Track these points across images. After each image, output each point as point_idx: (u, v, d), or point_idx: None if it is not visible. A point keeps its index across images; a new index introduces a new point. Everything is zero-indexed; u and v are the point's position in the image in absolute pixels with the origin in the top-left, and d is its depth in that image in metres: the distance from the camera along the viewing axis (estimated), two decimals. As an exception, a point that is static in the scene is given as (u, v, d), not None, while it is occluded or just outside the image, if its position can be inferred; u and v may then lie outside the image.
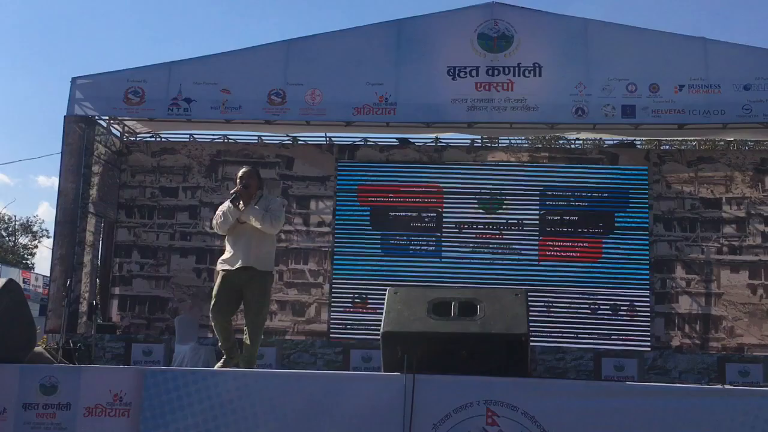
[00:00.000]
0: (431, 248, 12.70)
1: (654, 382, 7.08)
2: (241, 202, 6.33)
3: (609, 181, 12.63)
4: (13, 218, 40.03)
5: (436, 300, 4.21)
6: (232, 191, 6.37)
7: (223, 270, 6.34)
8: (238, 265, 6.21)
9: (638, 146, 13.10)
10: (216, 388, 4.36)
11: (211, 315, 6.42)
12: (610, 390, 4.15)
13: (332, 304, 12.63)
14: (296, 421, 4.23)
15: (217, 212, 6.47)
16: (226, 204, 6.39)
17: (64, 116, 12.14)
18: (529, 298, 4.38)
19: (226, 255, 6.34)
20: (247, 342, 6.25)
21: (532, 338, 4.16)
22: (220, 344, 6.37)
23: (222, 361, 6.38)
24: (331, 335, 12.43)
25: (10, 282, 4.97)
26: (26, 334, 5.06)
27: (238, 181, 6.39)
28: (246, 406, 4.27)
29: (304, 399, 4.25)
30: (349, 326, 12.51)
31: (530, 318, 4.18)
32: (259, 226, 6.22)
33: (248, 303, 6.28)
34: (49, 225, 43.60)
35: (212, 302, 6.39)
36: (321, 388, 4.25)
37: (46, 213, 66.65)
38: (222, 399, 4.33)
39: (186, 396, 4.39)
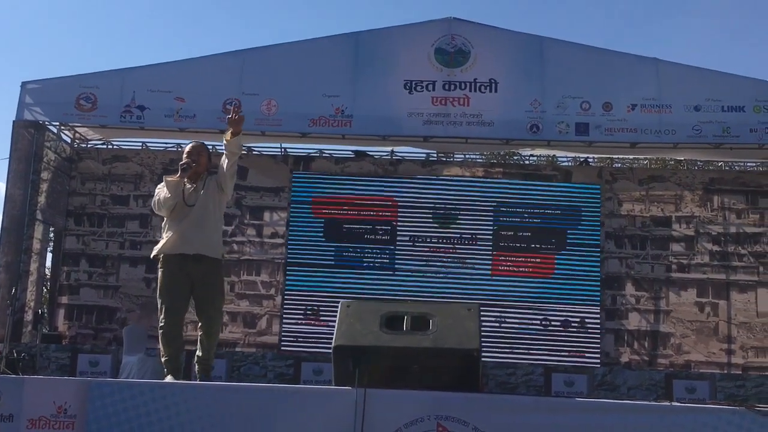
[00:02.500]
0: (385, 261, 12.68)
1: (603, 398, 7.12)
2: (186, 180, 5.59)
3: (562, 197, 12.73)
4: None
5: (388, 313, 4.18)
6: (181, 163, 5.61)
7: (163, 258, 5.58)
8: (187, 252, 5.47)
9: (591, 164, 13.25)
10: (163, 400, 4.27)
11: (161, 317, 5.59)
12: (561, 406, 4.16)
13: (284, 316, 12.52)
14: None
15: (157, 191, 5.76)
16: (163, 182, 5.73)
17: (13, 121, 11.91)
18: (481, 313, 4.37)
19: (169, 240, 5.56)
20: (204, 341, 5.58)
21: (483, 353, 4.14)
22: (165, 359, 5.51)
23: (168, 378, 5.51)
24: (282, 347, 12.32)
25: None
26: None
27: (185, 155, 5.68)
28: (193, 419, 4.19)
29: (253, 413, 4.18)
30: (300, 339, 12.41)
31: (482, 333, 4.17)
32: (227, 168, 5.55)
33: (204, 296, 5.55)
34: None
35: (159, 304, 5.59)
36: (270, 401, 4.19)
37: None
38: (170, 412, 4.24)
39: (133, 408, 4.29)
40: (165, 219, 5.69)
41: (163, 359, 5.55)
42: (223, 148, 5.62)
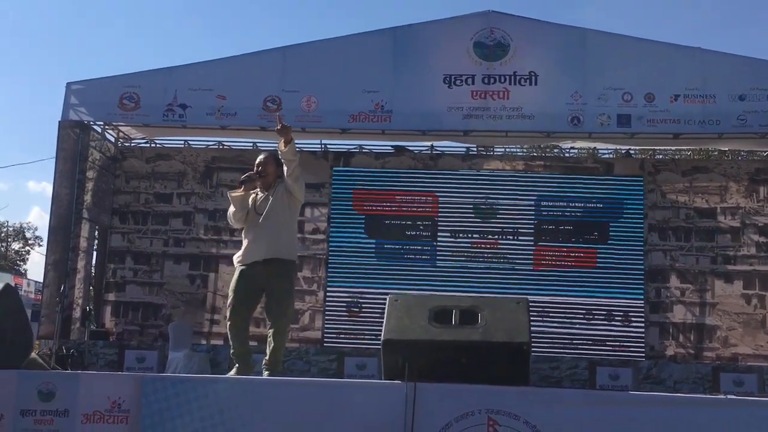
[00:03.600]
0: (426, 256, 12.68)
1: (650, 392, 7.06)
2: (258, 190, 5.87)
3: (604, 190, 12.62)
4: (6, 224, 39.86)
5: (437, 307, 4.18)
6: (245, 175, 5.88)
7: (240, 266, 5.82)
8: (257, 258, 5.70)
9: (633, 156, 13.10)
10: (215, 395, 4.31)
11: (227, 316, 5.86)
12: (612, 399, 4.13)
13: (326, 311, 12.58)
14: (296, 429, 4.19)
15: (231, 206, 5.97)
16: (231, 195, 6.00)
17: (59, 121, 12.09)
18: (527, 307, 4.34)
19: (243, 249, 5.82)
20: (270, 342, 5.72)
21: (527, 347, 4.12)
22: (232, 351, 5.77)
23: (234, 369, 5.75)
24: (325, 342, 12.38)
25: (7, 287, 4.92)
26: (23, 339, 5.01)
27: (255, 167, 5.92)
28: (244, 414, 4.24)
29: (304, 407, 4.22)
30: (342, 334, 12.47)
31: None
32: (288, 175, 5.75)
33: (271, 299, 5.72)
34: (42, 230, 43.40)
35: (229, 301, 5.84)
36: (321, 395, 4.22)
37: (37, 218, 66.33)
38: (221, 406, 4.28)
39: (185, 403, 4.34)
40: (243, 230, 5.93)
41: (231, 353, 5.81)
42: (280, 157, 5.80)
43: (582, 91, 11.53)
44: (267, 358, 5.70)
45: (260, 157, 6.02)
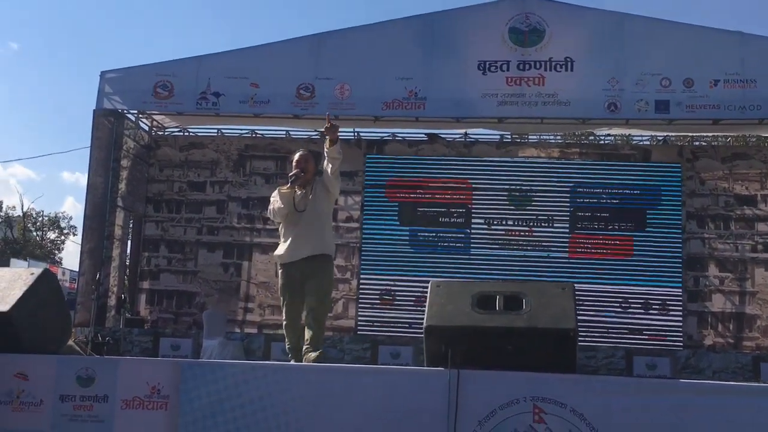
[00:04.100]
0: (460, 244, 12.59)
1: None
2: (296, 189, 5.94)
3: (641, 177, 12.46)
4: (41, 213, 40.31)
5: (480, 293, 4.09)
6: (290, 174, 5.95)
7: (283, 264, 5.98)
8: (302, 256, 5.84)
9: (671, 142, 12.89)
10: (255, 381, 4.26)
11: (283, 315, 6.01)
12: (663, 387, 4.01)
13: (360, 299, 12.54)
14: (337, 415, 4.13)
15: (272, 200, 6.05)
16: (276, 191, 6.07)
17: (93, 110, 12.15)
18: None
19: (284, 247, 5.94)
20: (311, 329, 5.82)
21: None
22: (288, 345, 5.94)
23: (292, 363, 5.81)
24: (358, 331, 12.35)
25: (47, 272, 4.91)
26: (62, 324, 5.00)
27: (294, 165, 5.98)
28: (285, 400, 4.18)
29: (345, 393, 4.15)
30: (376, 322, 12.42)
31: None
32: (331, 173, 5.87)
33: (309, 290, 5.84)
34: (76, 220, 43.86)
35: (282, 301, 6.02)
36: (362, 382, 4.16)
37: (71, 208, 67.13)
38: (260, 393, 4.23)
39: (224, 390, 4.30)
40: (280, 225, 6.07)
41: (286, 347, 5.99)
42: (325, 154, 5.88)
43: (619, 77, 11.36)
44: (309, 340, 5.78)
45: (299, 155, 6.08)
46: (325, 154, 5.88)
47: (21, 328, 4.52)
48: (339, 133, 5.97)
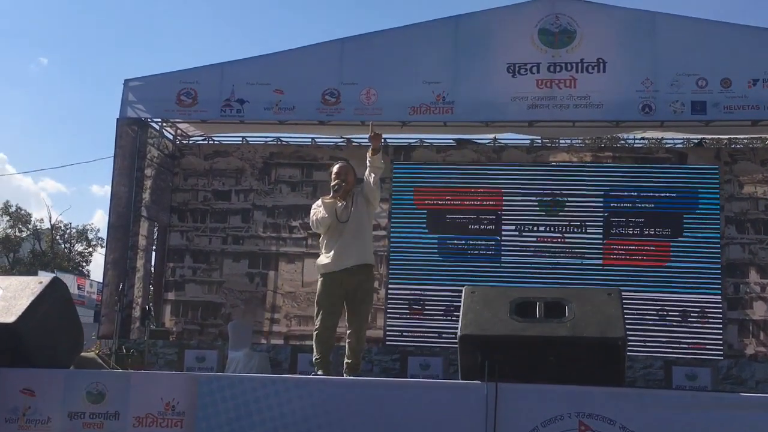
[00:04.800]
0: (490, 252, 12.27)
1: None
2: (338, 200, 6.07)
3: (677, 181, 12.07)
4: (69, 225, 40.45)
5: (519, 300, 3.78)
6: (333, 184, 6.06)
7: (326, 273, 6.02)
8: (347, 266, 5.92)
9: (708, 145, 12.48)
10: (277, 396, 3.99)
11: (316, 326, 6.00)
12: (725, 402, 3.66)
13: (388, 309, 12.24)
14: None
15: (313, 211, 6.18)
16: (319, 201, 6.15)
17: (117, 119, 12.00)
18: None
19: (327, 258, 6.01)
20: (354, 345, 5.98)
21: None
22: (316, 358, 5.95)
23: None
24: (387, 341, 12.04)
25: (56, 280, 4.63)
26: (72, 336, 4.72)
27: (334, 176, 6.08)
28: (310, 416, 3.90)
29: (375, 409, 3.86)
30: (405, 332, 12.12)
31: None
32: (373, 183, 6.01)
33: (354, 302, 5.96)
34: (104, 232, 43.89)
35: (317, 310, 6.01)
36: (394, 397, 3.86)
37: (100, 221, 67.20)
38: (284, 409, 3.96)
39: (244, 405, 4.03)
40: (322, 236, 6.14)
41: (314, 358, 5.98)
42: (368, 164, 5.98)
43: (653, 78, 11.00)
44: (349, 361, 5.95)
45: (338, 166, 6.17)
46: (368, 164, 5.96)
47: (28, 341, 4.26)
48: (365, 139, 5.91)
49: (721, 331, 11.54)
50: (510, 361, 3.62)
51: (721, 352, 11.40)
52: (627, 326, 10.61)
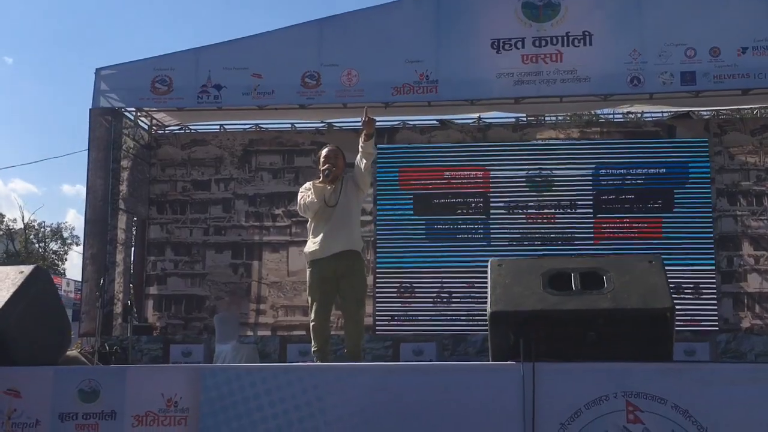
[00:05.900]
0: (479, 234, 12.02)
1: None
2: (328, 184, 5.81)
3: (667, 155, 11.91)
4: (43, 224, 39.64)
5: (552, 271, 3.48)
6: (323, 168, 5.81)
7: (314, 260, 5.80)
8: (335, 251, 5.69)
9: (696, 116, 12.28)
10: (289, 387, 3.65)
11: (311, 318, 5.79)
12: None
13: (377, 295, 11.94)
14: (385, 419, 3.53)
15: (301, 194, 5.93)
16: (308, 184, 5.91)
17: (90, 109, 11.60)
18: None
19: (315, 244, 5.79)
20: (352, 331, 5.78)
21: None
22: (315, 348, 5.76)
23: None
24: (377, 329, 11.76)
25: (38, 269, 4.20)
26: (59, 330, 4.32)
27: (323, 160, 5.83)
28: (326, 407, 3.57)
29: (392, 396, 3.55)
30: (396, 318, 11.85)
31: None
32: (365, 169, 5.76)
33: (347, 289, 5.75)
34: (79, 231, 43.11)
35: (310, 303, 5.83)
36: (418, 382, 3.55)
37: (74, 220, 66.41)
38: (297, 400, 3.63)
39: (253, 398, 3.69)
40: (310, 220, 5.95)
41: (312, 350, 5.84)
42: (360, 149, 5.73)
43: (641, 49, 10.78)
44: (349, 347, 5.77)
45: (327, 150, 5.96)
46: (360, 149, 5.72)
47: (10, 337, 3.83)
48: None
49: (716, 305, 11.41)
50: (546, 339, 3.33)
51: (717, 326, 11.25)
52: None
